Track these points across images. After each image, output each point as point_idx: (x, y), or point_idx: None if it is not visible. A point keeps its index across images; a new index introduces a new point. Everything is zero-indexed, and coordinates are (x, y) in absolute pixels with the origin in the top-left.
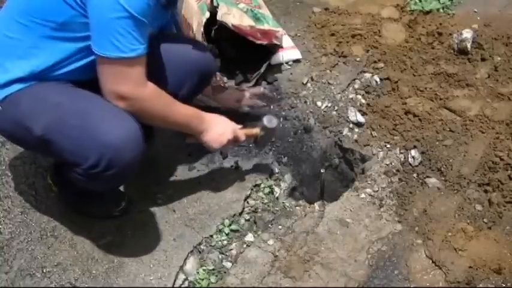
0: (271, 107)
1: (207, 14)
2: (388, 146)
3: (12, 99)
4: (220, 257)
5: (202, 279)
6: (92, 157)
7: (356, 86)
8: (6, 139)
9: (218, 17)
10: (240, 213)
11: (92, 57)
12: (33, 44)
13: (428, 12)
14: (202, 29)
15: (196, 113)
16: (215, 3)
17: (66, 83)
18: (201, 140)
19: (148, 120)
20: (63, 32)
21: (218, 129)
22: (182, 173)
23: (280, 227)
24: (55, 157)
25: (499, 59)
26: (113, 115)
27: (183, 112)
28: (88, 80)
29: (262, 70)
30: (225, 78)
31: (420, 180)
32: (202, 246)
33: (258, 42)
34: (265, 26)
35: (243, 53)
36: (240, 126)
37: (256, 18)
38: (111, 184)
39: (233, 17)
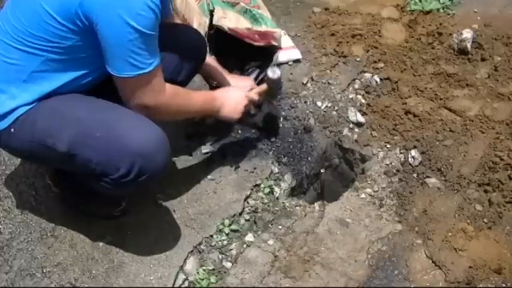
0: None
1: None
2: (388, 146)
3: (27, 119)
4: (220, 257)
5: (202, 279)
6: (123, 167)
7: (356, 86)
8: (21, 158)
9: (214, 21)
10: (240, 213)
11: (100, 71)
12: (37, 68)
13: (428, 12)
14: (206, 30)
15: (208, 95)
16: (211, 7)
17: (77, 94)
18: (220, 117)
19: (171, 118)
20: (68, 54)
21: (231, 101)
22: (182, 173)
23: (280, 227)
24: (79, 169)
25: (499, 59)
26: (137, 122)
27: (198, 99)
28: (95, 86)
29: (264, 73)
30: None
31: (420, 180)
32: (202, 246)
33: (256, 44)
34: (263, 27)
35: (243, 52)
36: (248, 88)
37: (254, 19)
38: (138, 189)
39: (229, 20)
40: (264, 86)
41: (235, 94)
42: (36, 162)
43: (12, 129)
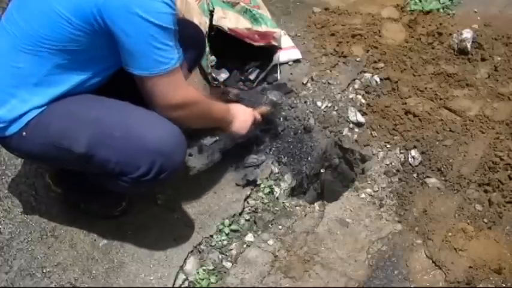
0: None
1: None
2: (388, 146)
3: (39, 122)
4: (220, 257)
5: (202, 279)
6: (143, 165)
7: (356, 86)
8: (33, 162)
9: (214, 22)
10: (240, 213)
11: (110, 71)
12: (48, 72)
13: (428, 12)
14: (206, 30)
15: (225, 105)
16: (211, 7)
17: (87, 94)
18: (230, 130)
19: (195, 123)
20: (80, 56)
21: (242, 116)
22: (182, 173)
23: (280, 227)
24: (97, 169)
25: (499, 59)
26: (154, 120)
27: (218, 106)
28: (103, 86)
29: (264, 73)
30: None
31: (420, 180)
32: (202, 246)
33: (256, 44)
34: (263, 27)
35: (243, 51)
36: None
37: (254, 19)
38: (155, 187)
39: (229, 20)
40: (264, 108)
41: (245, 110)
42: (46, 164)
43: (24, 133)
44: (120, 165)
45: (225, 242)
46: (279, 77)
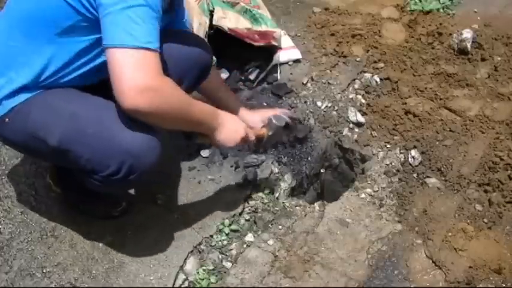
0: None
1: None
2: (388, 146)
3: (21, 110)
4: (220, 257)
5: (202, 279)
6: (113, 164)
7: (356, 86)
8: (17, 151)
9: (214, 22)
10: (240, 213)
11: (97, 61)
12: (35, 50)
13: (428, 12)
14: (206, 30)
15: (211, 108)
16: (211, 7)
17: (72, 89)
18: (215, 137)
19: (166, 119)
20: (67, 36)
21: (232, 126)
22: (182, 173)
23: (280, 227)
24: (71, 165)
25: (499, 59)
26: (130, 122)
27: (200, 107)
28: (92, 84)
29: (264, 73)
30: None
31: (420, 180)
32: (202, 246)
33: (256, 44)
34: (263, 27)
35: (243, 51)
36: (250, 125)
37: (254, 19)
38: (128, 188)
39: (229, 20)
40: (263, 130)
41: (238, 122)
42: (30, 156)
43: (7, 119)
44: (91, 162)
45: (225, 242)
46: (279, 77)
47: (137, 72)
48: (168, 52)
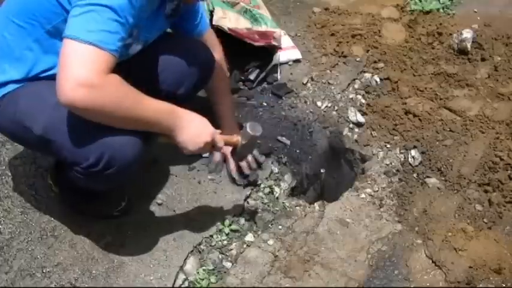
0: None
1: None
2: (388, 146)
3: (10, 98)
4: (220, 257)
5: (202, 279)
6: (91, 156)
7: (356, 86)
8: (8, 138)
9: (214, 22)
10: (240, 213)
11: None
12: (28, 46)
13: (428, 12)
14: None
15: (170, 108)
16: (210, 7)
17: None
18: (175, 139)
19: (108, 117)
20: (57, 34)
21: (195, 128)
22: (182, 173)
23: (280, 227)
24: (54, 156)
25: (499, 59)
26: None
27: (153, 105)
28: None
29: (264, 73)
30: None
31: (420, 180)
32: (202, 246)
33: (256, 44)
34: (263, 27)
35: (243, 52)
36: (219, 130)
37: (254, 19)
38: (111, 183)
39: (229, 20)
40: (235, 138)
41: (203, 125)
42: (20, 144)
43: None
44: (71, 153)
45: (225, 242)
46: (279, 77)
47: (81, 67)
48: (166, 54)
